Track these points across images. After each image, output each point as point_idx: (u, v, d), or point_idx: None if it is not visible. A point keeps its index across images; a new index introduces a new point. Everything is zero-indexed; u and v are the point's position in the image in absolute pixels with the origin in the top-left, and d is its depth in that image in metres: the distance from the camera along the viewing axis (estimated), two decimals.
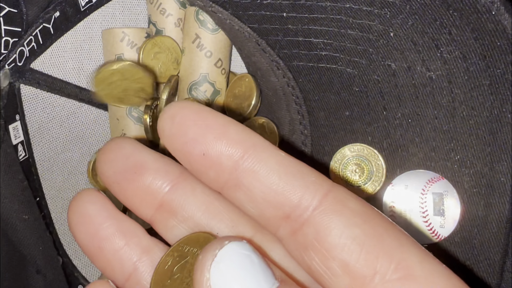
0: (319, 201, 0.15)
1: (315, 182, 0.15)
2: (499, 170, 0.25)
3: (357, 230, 0.14)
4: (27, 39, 0.27)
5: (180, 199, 0.18)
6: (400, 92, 0.27)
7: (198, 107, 0.15)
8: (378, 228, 0.15)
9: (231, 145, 0.15)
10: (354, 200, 0.15)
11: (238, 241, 0.14)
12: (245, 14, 0.29)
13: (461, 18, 0.23)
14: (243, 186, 0.15)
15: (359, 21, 0.26)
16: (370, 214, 0.15)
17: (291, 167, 0.15)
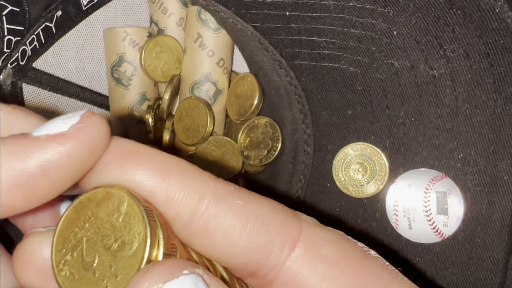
0: (288, 255, 0.13)
1: (282, 233, 0.13)
2: (503, 169, 0.25)
3: (337, 283, 0.13)
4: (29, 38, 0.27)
5: None
6: (403, 90, 0.27)
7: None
8: (358, 274, 0.13)
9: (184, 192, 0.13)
10: (327, 244, 0.14)
11: (174, 279, 0.11)
12: (248, 13, 0.29)
13: (465, 16, 0.23)
14: (198, 245, 0.13)
15: (362, 20, 0.26)
16: (347, 257, 0.14)
17: (252, 220, 0.13)
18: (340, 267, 0.13)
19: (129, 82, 0.34)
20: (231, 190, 0.13)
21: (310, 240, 0.13)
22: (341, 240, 0.14)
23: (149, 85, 0.35)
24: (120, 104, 0.34)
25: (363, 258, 0.14)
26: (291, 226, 0.13)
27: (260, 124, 0.34)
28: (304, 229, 0.14)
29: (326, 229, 0.14)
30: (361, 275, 0.13)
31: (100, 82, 0.35)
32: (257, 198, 0.14)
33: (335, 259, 0.13)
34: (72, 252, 0.13)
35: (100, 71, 0.35)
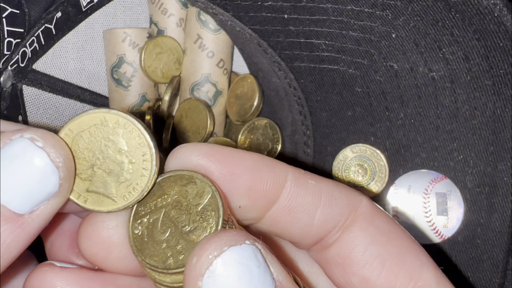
0: (349, 221, 0.15)
1: (348, 205, 0.16)
2: (502, 170, 0.25)
3: (381, 248, 0.15)
4: (29, 40, 0.27)
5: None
6: (402, 92, 0.27)
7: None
8: (401, 247, 0.15)
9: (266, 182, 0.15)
10: (381, 218, 0.16)
11: (238, 245, 0.13)
12: (246, 16, 0.29)
13: (463, 19, 0.24)
14: (281, 223, 0.16)
15: (361, 23, 0.26)
16: (395, 232, 0.15)
17: (324, 195, 0.15)
18: (387, 237, 0.15)
19: (129, 83, 0.34)
20: (303, 173, 0.16)
21: (367, 211, 0.16)
22: (391, 220, 0.16)
23: (149, 86, 0.35)
24: (120, 105, 0.34)
25: (408, 239, 0.15)
26: (354, 199, 0.16)
27: (260, 125, 0.34)
28: (363, 202, 0.16)
29: (381, 209, 0.16)
30: (403, 249, 0.15)
31: (100, 83, 0.35)
32: (324, 179, 0.16)
33: (384, 230, 0.15)
34: (149, 218, 0.14)
35: (100, 72, 0.35)
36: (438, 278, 0.15)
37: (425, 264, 0.15)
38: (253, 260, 0.13)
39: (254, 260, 0.13)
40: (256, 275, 0.13)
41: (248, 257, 0.13)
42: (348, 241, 0.15)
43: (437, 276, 0.15)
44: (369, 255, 0.15)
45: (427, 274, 0.15)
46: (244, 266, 0.13)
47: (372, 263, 0.15)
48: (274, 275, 0.13)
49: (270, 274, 0.13)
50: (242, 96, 0.34)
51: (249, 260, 0.13)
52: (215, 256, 0.13)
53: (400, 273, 0.15)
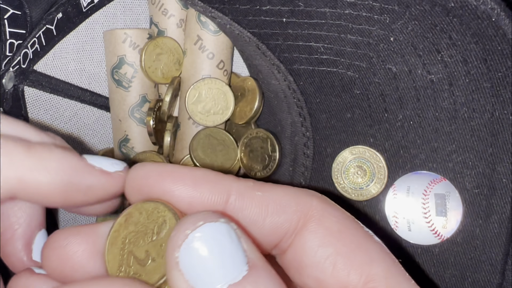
0: (301, 227, 0.16)
1: (296, 210, 0.16)
2: (501, 171, 0.25)
3: (330, 249, 0.15)
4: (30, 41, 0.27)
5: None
6: (401, 94, 0.27)
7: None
8: (350, 245, 0.15)
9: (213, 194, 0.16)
10: (330, 217, 0.16)
11: (213, 222, 0.14)
12: (245, 19, 0.29)
13: (461, 23, 0.24)
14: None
15: (359, 26, 0.26)
16: (344, 230, 0.16)
17: (271, 205, 0.16)
18: (337, 237, 0.16)
19: (129, 84, 0.34)
20: (250, 185, 0.16)
21: (317, 213, 0.16)
22: (344, 217, 0.16)
23: (150, 87, 0.35)
24: (121, 106, 0.34)
25: (359, 235, 0.16)
26: (303, 203, 0.16)
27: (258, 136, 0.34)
28: (314, 205, 0.16)
29: (334, 206, 0.17)
30: (353, 247, 0.15)
31: (100, 83, 0.35)
32: (273, 187, 0.16)
33: (333, 230, 0.16)
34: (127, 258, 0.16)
35: (100, 73, 0.35)
36: (387, 271, 0.15)
37: (374, 260, 0.15)
38: (226, 236, 0.14)
39: (227, 236, 0.14)
40: (228, 249, 0.14)
41: (221, 232, 0.14)
42: (299, 245, 0.16)
43: (387, 269, 0.15)
44: (320, 257, 0.15)
45: (377, 269, 0.15)
46: (216, 240, 0.14)
47: (323, 264, 0.15)
48: (247, 252, 0.14)
49: (242, 251, 0.14)
50: (242, 98, 0.34)
51: (222, 235, 0.14)
52: (191, 229, 0.14)
53: (351, 271, 0.15)
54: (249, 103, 0.34)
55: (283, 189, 0.16)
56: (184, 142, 0.35)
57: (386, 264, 0.15)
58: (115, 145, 0.35)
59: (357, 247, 0.15)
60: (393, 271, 0.15)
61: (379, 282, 0.15)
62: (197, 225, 0.14)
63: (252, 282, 0.14)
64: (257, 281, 0.14)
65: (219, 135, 0.34)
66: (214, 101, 0.33)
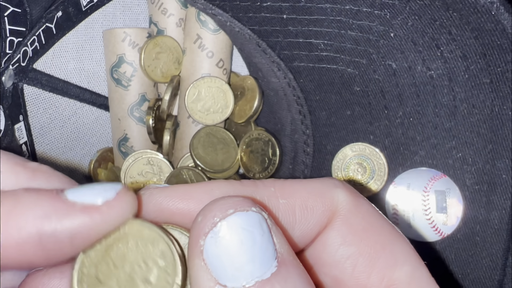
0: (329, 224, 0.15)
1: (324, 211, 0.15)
2: (501, 167, 0.25)
3: (352, 249, 0.15)
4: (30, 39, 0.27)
5: None
6: (401, 91, 0.27)
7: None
8: (374, 245, 0.15)
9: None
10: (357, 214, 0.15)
11: (243, 211, 0.13)
12: (245, 16, 0.29)
13: (461, 18, 0.24)
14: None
15: (359, 22, 0.26)
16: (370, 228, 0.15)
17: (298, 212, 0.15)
18: (361, 236, 0.15)
19: (128, 83, 0.34)
20: (272, 192, 0.15)
21: (344, 210, 0.15)
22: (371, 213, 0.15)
23: (149, 85, 0.35)
24: (120, 105, 0.34)
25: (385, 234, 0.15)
26: (330, 201, 0.15)
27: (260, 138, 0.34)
28: (340, 201, 0.15)
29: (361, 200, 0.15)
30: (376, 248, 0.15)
31: (99, 82, 0.35)
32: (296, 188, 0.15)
33: (358, 228, 0.15)
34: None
35: (99, 72, 0.35)
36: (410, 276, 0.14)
37: (398, 262, 0.14)
38: (257, 228, 0.13)
39: (258, 228, 0.13)
40: (259, 243, 0.13)
41: (253, 224, 0.13)
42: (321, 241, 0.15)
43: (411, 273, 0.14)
44: (341, 256, 0.15)
45: (399, 272, 0.14)
46: (248, 232, 0.13)
47: (343, 263, 0.14)
48: (277, 246, 0.13)
49: (273, 245, 0.13)
50: (242, 97, 0.34)
51: (254, 227, 0.13)
52: (220, 218, 0.13)
53: (372, 273, 0.14)
54: (248, 102, 0.34)
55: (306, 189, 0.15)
56: (183, 141, 0.35)
57: (411, 267, 0.14)
58: (114, 144, 0.35)
59: (381, 248, 0.15)
60: (417, 275, 0.14)
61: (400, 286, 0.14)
62: (227, 213, 0.13)
63: (281, 280, 0.13)
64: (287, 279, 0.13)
65: (219, 133, 0.34)
66: (213, 99, 0.33)
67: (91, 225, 0.13)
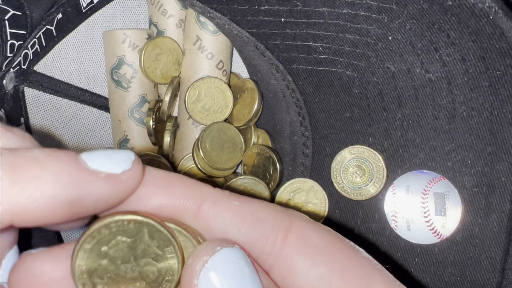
0: (281, 245, 0.15)
1: (274, 226, 0.15)
2: (500, 170, 0.25)
3: (323, 268, 0.15)
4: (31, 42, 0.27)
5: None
6: (400, 93, 0.27)
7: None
8: (342, 261, 0.15)
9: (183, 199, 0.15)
10: (316, 235, 0.15)
11: (230, 247, 0.14)
12: (244, 20, 0.29)
13: (459, 22, 0.24)
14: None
15: (357, 26, 0.26)
16: (333, 246, 0.15)
17: (248, 217, 0.15)
18: (326, 254, 0.15)
19: (129, 85, 0.34)
20: (227, 194, 0.15)
21: (300, 231, 0.15)
22: (328, 233, 0.16)
23: (149, 87, 0.35)
24: (120, 106, 0.34)
25: (348, 249, 0.15)
26: (282, 219, 0.15)
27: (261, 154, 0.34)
28: (294, 222, 0.15)
29: (315, 223, 0.16)
30: (345, 263, 0.15)
31: (99, 84, 0.35)
32: (251, 200, 0.16)
33: (322, 247, 0.15)
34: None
35: (99, 73, 0.35)
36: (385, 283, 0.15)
37: (369, 273, 0.15)
38: (244, 260, 0.14)
39: (245, 261, 0.14)
40: (248, 274, 0.14)
41: (240, 257, 0.14)
42: (289, 268, 0.15)
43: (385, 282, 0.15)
44: (313, 278, 0.15)
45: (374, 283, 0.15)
46: (236, 264, 0.14)
47: (317, 285, 0.14)
48: (261, 278, 0.14)
49: (258, 277, 0.14)
50: (241, 101, 0.34)
51: (241, 260, 0.14)
52: (210, 255, 0.13)
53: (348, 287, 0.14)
54: (248, 106, 0.34)
55: (261, 204, 0.15)
56: (183, 142, 0.35)
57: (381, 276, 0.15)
58: (114, 145, 0.35)
59: (349, 263, 0.15)
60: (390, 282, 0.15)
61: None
62: (215, 250, 0.14)
63: None
64: None
65: (230, 132, 0.34)
66: (213, 100, 0.33)
67: (113, 193, 0.14)
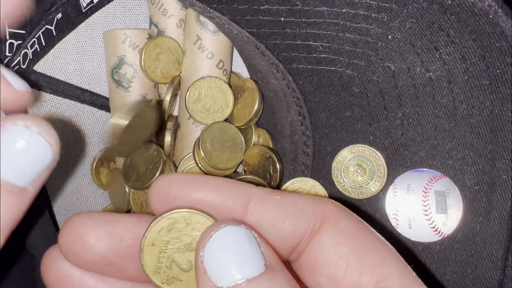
0: (317, 227, 0.17)
1: (313, 213, 0.17)
2: (501, 168, 0.25)
3: (344, 248, 0.16)
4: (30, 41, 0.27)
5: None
6: (400, 92, 0.27)
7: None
8: (364, 245, 0.16)
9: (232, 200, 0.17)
10: (345, 220, 0.17)
11: (233, 225, 0.15)
12: (243, 19, 0.29)
13: (459, 21, 0.24)
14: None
15: (357, 25, 0.26)
16: (359, 232, 0.17)
17: (290, 208, 0.17)
18: (351, 237, 0.17)
19: (129, 84, 0.34)
20: (269, 190, 0.17)
21: (333, 215, 0.17)
22: (357, 221, 0.17)
23: (150, 87, 0.35)
24: (121, 106, 0.34)
25: (372, 237, 0.17)
26: (319, 206, 0.17)
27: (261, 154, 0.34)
28: (329, 208, 0.17)
29: (347, 211, 0.18)
30: (366, 247, 0.16)
31: (100, 84, 0.35)
32: (291, 193, 0.18)
33: (347, 231, 0.17)
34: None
35: (100, 73, 0.35)
36: (399, 272, 0.16)
37: (387, 260, 0.16)
38: (245, 238, 0.15)
39: (246, 238, 0.15)
40: (247, 249, 0.15)
41: (242, 234, 0.15)
42: (315, 245, 0.17)
43: (399, 270, 0.16)
44: (334, 255, 0.16)
45: (389, 269, 0.16)
46: (236, 240, 0.15)
47: (337, 262, 0.16)
48: (265, 255, 0.15)
49: (260, 254, 0.15)
50: (242, 101, 0.34)
51: (242, 236, 0.15)
52: (214, 231, 0.15)
53: (363, 269, 0.16)
54: (248, 106, 0.34)
55: (300, 195, 0.17)
56: (184, 141, 0.35)
57: (399, 265, 0.16)
58: None
59: (370, 248, 0.16)
60: (405, 272, 0.16)
61: (391, 282, 0.16)
62: (220, 227, 0.15)
63: (269, 279, 0.15)
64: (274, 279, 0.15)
65: (230, 131, 0.34)
66: (213, 99, 0.33)
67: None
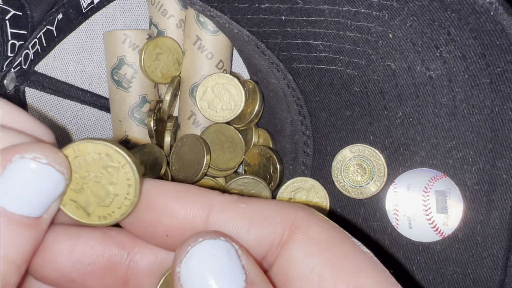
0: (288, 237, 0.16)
1: (281, 222, 0.16)
2: (501, 167, 0.25)
3: (316, 260, 0.15)
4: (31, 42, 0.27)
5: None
6: (400, 91, 0.27)
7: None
8: (337, 255, 0.15)
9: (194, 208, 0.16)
10: (316, 227, 0.16)
11: (211, 238, 0.15)
12: (244, 18, 0.29)
13: (460, 19, 0.24)
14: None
15: (358, 23, 0.26)
16: (331, 240, 0.16)
17: (255, 217, 0.16)
18: (323, 247, 0.15)
19: (129, 85, 0.34)
20: (234, 199, 0.16)
21: (303, 224, 0.16)
22: (330, 227, 0.16)
23: (149, 87, 0.35)
24: (121, 106, 0.34)
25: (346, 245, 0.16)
26: (288, 214, 0.16)
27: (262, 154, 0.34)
28: (299, 216, 0.16)
29: (319, 218, 0.16)
30: (340, 257, 0.15)
31: (100, 84, 0.35)
32: (257, 200, 0.16)
33: (319, 240, 0.16)
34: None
35: (100, 73, 0.35)
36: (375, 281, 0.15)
37: (362, 269, 0.15)
38: (224, 252, 0.14)
39: (225, 253, 0.14)
40: (226, 265, 0.14)
41: (220, 249, 0.15)
42: (285, 257, 0.16)
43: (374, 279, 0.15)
44: (306, 268, 0.15)
45: (364, 279, 0.15)
46: (214, 256, 0.14)
47: (309, 275, 0.15)
48: (246, 270, 0.14)
49: (241, 268, 0.14)
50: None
51: (221, 252, 0.14)
52: (191, 246, 0.14)
53: (337, 281, 0.15)
54: (249, 106, 0.34)
55: (268, 202, 0.16)
56: None
57: (375, 274, 0.15)
58: None
59: (344, 257, 0.15)
60: (382, 282, 0.15)
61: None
62: (197, 241, 0.14)
63: None
64: None
65: (228, 132, 0.33)
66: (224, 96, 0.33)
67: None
